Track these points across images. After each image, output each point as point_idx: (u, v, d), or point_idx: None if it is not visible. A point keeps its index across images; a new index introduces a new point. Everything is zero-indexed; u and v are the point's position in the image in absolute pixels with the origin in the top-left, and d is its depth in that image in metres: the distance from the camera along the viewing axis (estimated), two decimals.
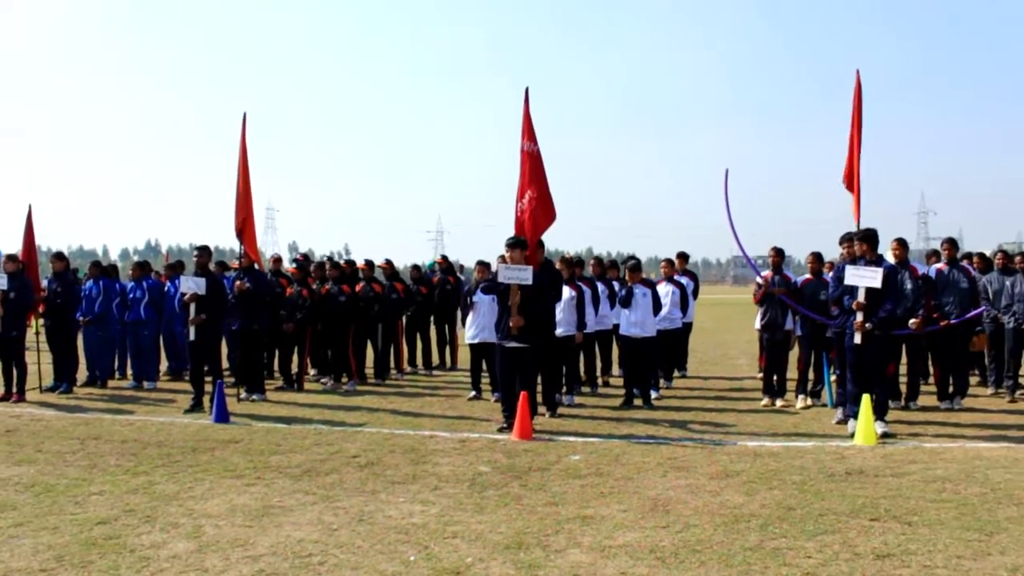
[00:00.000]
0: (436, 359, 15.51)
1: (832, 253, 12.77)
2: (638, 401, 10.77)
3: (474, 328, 11.62)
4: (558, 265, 10.79)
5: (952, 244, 10.94)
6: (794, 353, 11.07)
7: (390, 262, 14.89)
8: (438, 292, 15.05)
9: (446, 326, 15.52)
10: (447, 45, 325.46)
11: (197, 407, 10.61)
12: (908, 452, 7.92)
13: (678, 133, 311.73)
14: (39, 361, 12.73)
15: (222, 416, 9.80)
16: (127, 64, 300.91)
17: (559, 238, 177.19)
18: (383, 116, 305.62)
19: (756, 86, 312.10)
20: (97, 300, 13.25)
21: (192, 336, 10.79)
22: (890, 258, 10.12)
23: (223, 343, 11.48)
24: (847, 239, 9.76)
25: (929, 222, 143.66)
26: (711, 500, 6.24)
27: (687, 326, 13.64)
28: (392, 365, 14.20)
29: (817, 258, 10.89)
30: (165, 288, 13.68)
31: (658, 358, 11.53)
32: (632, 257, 11.60)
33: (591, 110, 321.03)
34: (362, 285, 13.20)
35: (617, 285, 12.10)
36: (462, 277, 16.31)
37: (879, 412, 8.69)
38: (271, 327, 12.28)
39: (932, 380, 11.13)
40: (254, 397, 11.46)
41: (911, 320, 9.98)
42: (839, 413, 9.49)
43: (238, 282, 11.45)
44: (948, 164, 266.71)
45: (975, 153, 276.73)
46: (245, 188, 11.60)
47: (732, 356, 17.88)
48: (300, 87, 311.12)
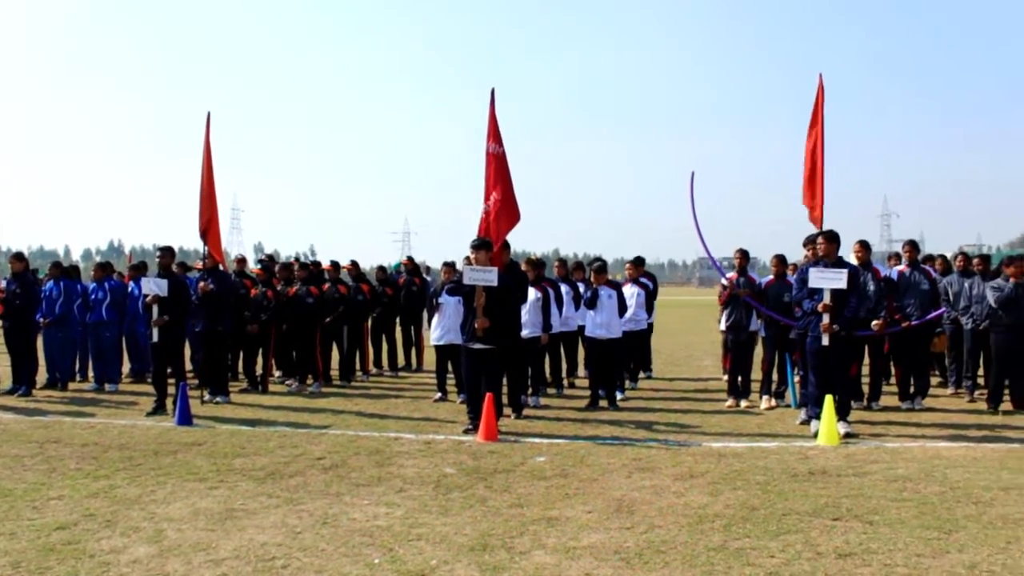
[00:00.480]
0: (402, 360, 15.49)
1: (796, 255, 12.93)
2: (603, 402, 10.80)
3: (440, 329, 11.58)
4: (523, 266, 10.79)
5: (913, 246, 11.07)
6: (758, 354, 11.17)
7: (356, 263, 14.84)
8: (404, 293, 15.02)
9: (412, 327, 15.50)
10: (412, 46, 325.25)
11: (160, 409, 10.48)
12: (870, 452, 8.02)
13: (644, 134, 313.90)
14: None
15: (185, 419, 9.69)
16: (89, 63, 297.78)
17: (525, 239, 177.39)
18: (349, 117, 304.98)
19: (723, 88, 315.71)
20: (58, 301, 13.03)
21: (155, 338, 10.65)
22: (852, 260, 10.24)
23: (187, 345, 11.34)
24: (810, 241, 9.86)
25: (892, 224, 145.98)
26: (676, 501, 6.27)
27: (650, 327, 13.71)
28: (357, 367, 14.14)
29: (781, 260, 10.99)
30: (128, 289, 13.50)
31: (624, 359, 11.57)
32: (598, 259, 11.65)
33: (557, 111, 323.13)
34: (327, 286, 13.13)
35: (583, 287, 12.12)
36: (429, 278, 16.27)
37: (842, 412, 8.79)
38: (235, 328, 12.17)
39: (894, 380, 11.28)
40: (218, 399, 11.35)
41: (873, 322, 10.10)
42: (803, 414, 9.58)
43: (202, 283, 11.33)
44: (911, 168, 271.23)
45: (937, 157, 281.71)
46: (209, 188, 11.48)
47: (697, 357, 18.01)
48: (265, 87, 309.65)
